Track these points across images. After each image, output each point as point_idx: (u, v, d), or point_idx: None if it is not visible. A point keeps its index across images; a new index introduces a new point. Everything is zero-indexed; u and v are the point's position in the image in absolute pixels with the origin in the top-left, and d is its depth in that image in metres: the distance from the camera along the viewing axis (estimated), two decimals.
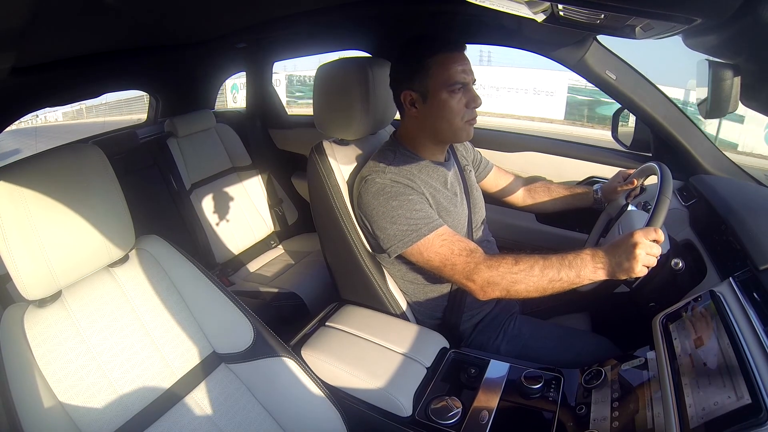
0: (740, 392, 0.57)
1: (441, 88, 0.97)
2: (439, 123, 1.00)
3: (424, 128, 1.03)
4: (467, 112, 0.99)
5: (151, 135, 1.93)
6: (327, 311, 1.16)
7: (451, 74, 0.96)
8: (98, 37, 0.96)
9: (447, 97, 0.97)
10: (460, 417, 0.84)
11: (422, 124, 1.03)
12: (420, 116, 1.01)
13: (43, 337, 0.74)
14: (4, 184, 0.69)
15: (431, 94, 0.98)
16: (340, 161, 1.09)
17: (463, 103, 0.98)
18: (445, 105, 0.98)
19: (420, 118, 1.02)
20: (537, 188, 1.35)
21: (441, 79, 0.96)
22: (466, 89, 0.99)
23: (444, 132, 1.02)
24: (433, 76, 0.97)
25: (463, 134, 1.02)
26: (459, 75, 0.96)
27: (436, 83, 0.97)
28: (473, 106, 0.99)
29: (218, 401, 0.86)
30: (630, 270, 0.82)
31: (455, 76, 0.96)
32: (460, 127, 1.00)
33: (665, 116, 1.26)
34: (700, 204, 1.09)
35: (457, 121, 0.99)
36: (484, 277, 0.89)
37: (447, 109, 0.98)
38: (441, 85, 0.96)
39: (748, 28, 0.49)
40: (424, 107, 1.00)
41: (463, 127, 1.01)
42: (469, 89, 0.99)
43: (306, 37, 1.76)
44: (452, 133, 1.02)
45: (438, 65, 0.96)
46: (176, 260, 0.89)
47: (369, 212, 0.98)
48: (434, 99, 0.98)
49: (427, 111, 1.00)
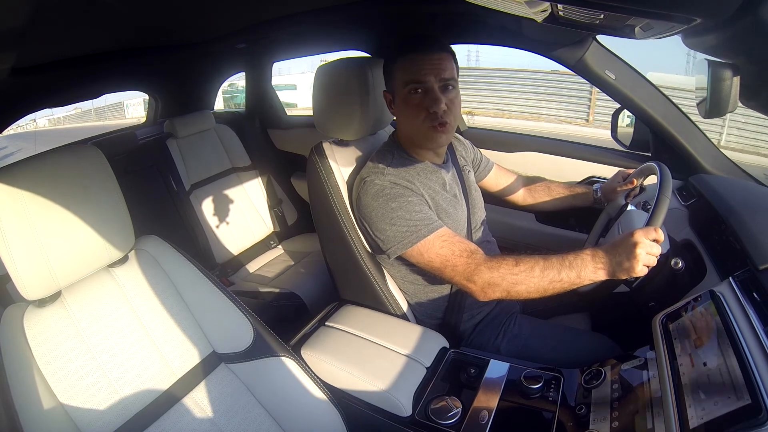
0: (740, 392, 0.57)
1: (401, 88, 0.96)
2: (406, 125, 1.00)
3: (401, 131, 1.04)
4: (429, 116, 0.93)
5: (151, 136, 1.93)
6: (327, 311, 1.16)
7: (411, 74, 0.93)
8: (98, 37, 0.96)
9: (406, 97, 0.95)
10: (460, 417, 0.84)
11: (400, 126, 1.04)
12: (396, 117, 1.02)
13: (42, 337, 0.74)
14: (4, 184, 0.69)
15: (396, 96, 0.98)
16: (339, 162, 1.09)
17: (424, 105, 0.93)
18: (405, 106, 0.97)
19: (398, 120, 1.03)
20: (537, 188, 1.35)
21: (402, 79, 0.95)
22: (427, 90, 0.93)
23: (413, 136, 1.00)
24: (396, 77, 0.97)
25: (427, 141, 0.97)
26: (419, 75, 0.92)
27: (398, 83, 0.96)
28: (433, 109, 0.93)
29: (218, 401, 0.86)
30: (630, 269, 0.82)
31: (414, 76, 0.93)
32: (421, 131, 0.95)
33: (664, 116, 1.26)
34: (699, 204, 1.09)
35: (417, 124, 0.95)
36: (484, 278, 0.89)
37: (406, 111, 0.97)
38: (401, 85, 0.96)
39: (748, 29, 0.50)
40: (395, 109, 1.01)
41: (426, 132, 0.95)
42: (430, 91, 0.93)
43: (305, 38, 1.76)
44: (419, 137, 0.98)
45: (401, 66, 0.95)
46: (176, 260, 0.89)
47: (368, 214, 0.98)
48: (398, 99, 0.98)
49: (397, 112, 1.01)
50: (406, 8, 1.29)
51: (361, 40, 1.77)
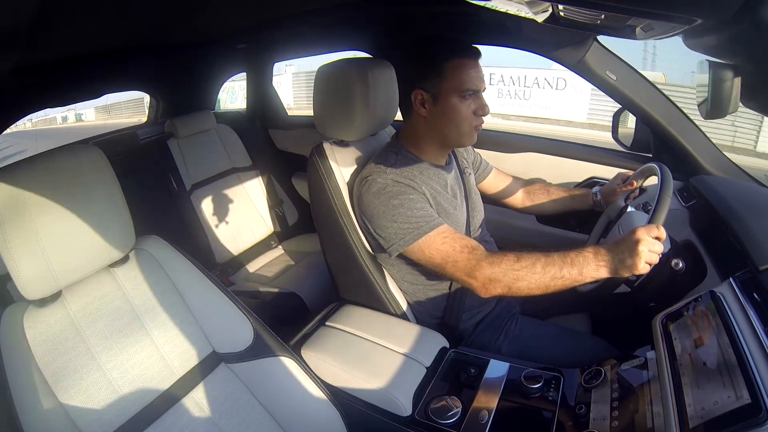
0: (740, 392, 0.57)
1: (453, 92, 0.98)
2: (446, 126, 1.02)
3: (430, 130, 1.04)
4: (475, 119, 1.01)
5: (152, 136, 1.93)
6: (327, 311, 1.16)
7: (465, 80, 0.97)
8: (99, 37, 0.96)
9: (457, 101, 0.99)
10: (460, 416, 0.84)
11: (430, 126, 1.04)
12: (428, 117, 1.02)
13: (43, 336, 0.74)
14: (5, 184, 0.69)
15: (442, 97, 0.99)
16: (340, 162, 1.09)
17: (472, 110, 1.00)
18: (454, 109, 0.99)
19: (428, 119, 1.03)
20: (536, 190, 1.35)
21: (454, 83, 0.97)
22: (476, 96, 1.01)
23: (450, 135, 1.03)
24: (447, 80, 0.98)
25: (467, 140, 1.05)
26: (472, 82, 0.98)
27: (449, 87, 0.98)
28: (481, 113, 1.01)
29: (218, 401, 0.86)
30: (633, 267, 0.81)
31: (468, 83, 0.98)
32: (466, 132, 1.02)
33: (665, 116, 1.26)
34: (700, 204, 1.09)
35: (465, 127, 1.01)
36: (485, 273, 0.89)
37: (456, 114, 0.99)
38: (453, 90, 0.98)
39: (748, 29, 0.50)
40: (433, 108, 1.01)
41: (470, 132, 1.03)
42: (479, 96, 1.01)
43: (306, 38, 1.76)
44: (458, 138, 1.04)
45: (453, 69, 0.97)
46: (176, 260, 0.89)
47: (370, 212, 0.98)
48: (445, 102, 0.99)
49: (436, 113, 1.01)
50: (406, 8, 1.30)
51: (362, 40, 1.77)
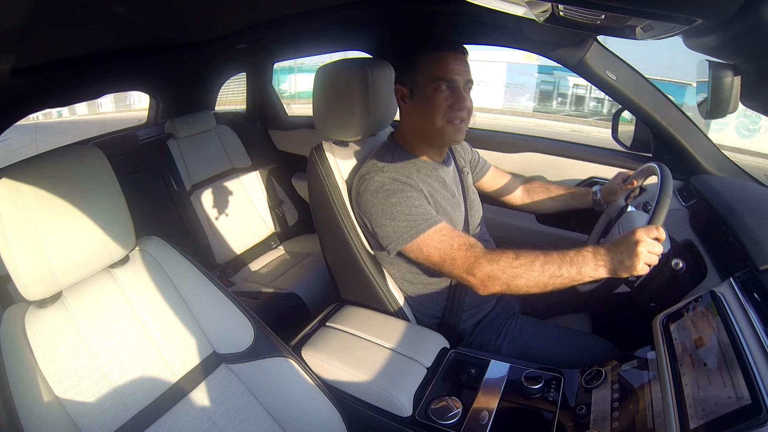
0: (740, 392, 0.57)
1: (427, 83, 0.97)
2: (422, 120, 1.01)
3: (413, 126, 1.04)
4: (450, 112, 0.97)
5: (152, 136, 1.93)
6: (327, 311, 1.16)
7: (438, 71, 0.96)
8: (99, 37, 0.96)
9: (431, 92, 0.97)
10: (460, 417, 0.84)
11: (412, 121, 1.04)
12: (408, 112, 1.03)
13: (43, 337, 0.74)
14: (5, 184, 0.69)
15: (418, 89, 0.99)
16: (339, 162, 1.09)
17: (448, 103, 0.97)
18: (428, 101, 0.98)
19: (409, 114, 1.03)
20: (535, 188, 1.35)
21: (428, 74, 0.97)
22: (453, 88, 0.97)
23: (428, 130, 1.01)
24: (422, 71, 0.98)
25: (446, 135, 0.99)
26: (447, 72, 0.96)
27: (423, 78, 0.98)
28: (457, 107, 0.97)
29: (218, 401, 0.86)
30: (632, 268, 0.81)
31: (442, 73, 0.96)
32: (440, 125, 0.98)
33: (665, 116, 1.26)
34: (700, 204, 1.09)
35: (438, 120, 0.98)
36: (484, 271, 0.89)
37: (429, 105, 0.98)
38: (427, 80, 0.97)
39: (749, 29, 0.50)
40: (411, 102, 1.01)
41: (445, 127, 0.98)
42: (457, 89, 0.97)
43: (306, 38, 1.76)
44: (435, 133, 1.00)
45: (428, 60, 0.97)
46: (176, 261, 0.90)
47: (368, 210, 0.98)
48: (420, 94, 0.99)
49: (413, 106, 1.01)
50: (406, 8, 1.30)
51: (362, 40, 1.77)
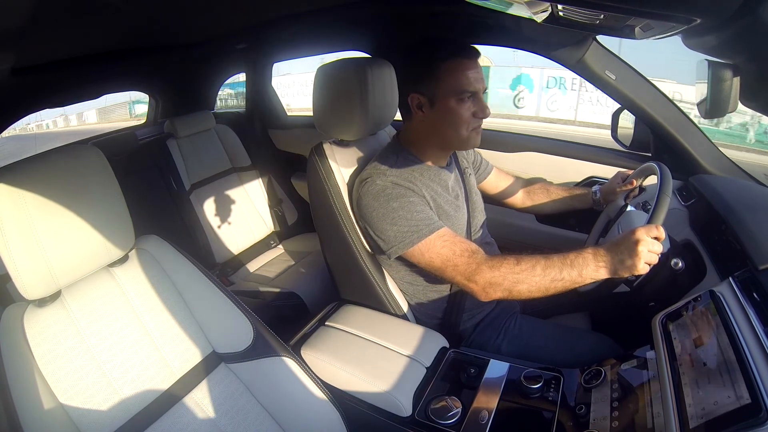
0: (740, 392, 0.57)
1: (450, 95, 0.95)
2: (445, 129, 0.99)
3: (429, 133, 1.02)
4: (474, 121, 0.98)
5: (151, 136, 1.93)
6: (327, 311, 1.16)
7: (462, 82, 0.95)
8: (98, 37, 0.96)
9: (455, 104, 0.96)
10: (460, 417, 0.84)
11: (428, 129, 1.02)
12: (426, 120, 1.00)
13: (42, 336, 0.74)
14: (4, 184, 0.69)
15: (439, 100, 0.97)
16: (339, 162, 1.09)
17: (471, 112, 0.97)
18: (452, 112, 0.96)
19: (426, 123, 1.01)
20: (536, 190, 1.35)
21: (450, 85, 0.95)
22: (476, 98, 0.97)
23: (450, 139, 1.01)
24: (443, 82, 0.95)
25: (469, 143, 1.02)
26: (469, 83, 0.95)
27: (446, 89, 0.95)
28: (481, 116, 0.98)
29: (218, 401, 0.86)
30: (632, 267, 0.81)
31: (465, 84, 0.95)
32: (465, 135, 0.99)
33: (665, 116, 1.26)
34: (699, 204, 1.09)
35: (463, 130, 0.98)
36: (485, 277, 0.89)
37: (454, 117, 0.97)
38: (450, 92, 0.95)
39: (748, 29, 0.50)
40: (431, 112, 0.99)
41: (469, 135, 1.00)
42: (479, 98, 0.98)
43: (306, 38, 1.76)
44: (458, 141, 1.01)
45: (449, 71, 0.95)
46: (176, 260, 0.89)
47: (369, 214, 0.98)
48: (442, 105, 0.97)
49: (434, 116, 0.99)
50: (406, 8, 1.30)
51: (361, 40, 1.77)
